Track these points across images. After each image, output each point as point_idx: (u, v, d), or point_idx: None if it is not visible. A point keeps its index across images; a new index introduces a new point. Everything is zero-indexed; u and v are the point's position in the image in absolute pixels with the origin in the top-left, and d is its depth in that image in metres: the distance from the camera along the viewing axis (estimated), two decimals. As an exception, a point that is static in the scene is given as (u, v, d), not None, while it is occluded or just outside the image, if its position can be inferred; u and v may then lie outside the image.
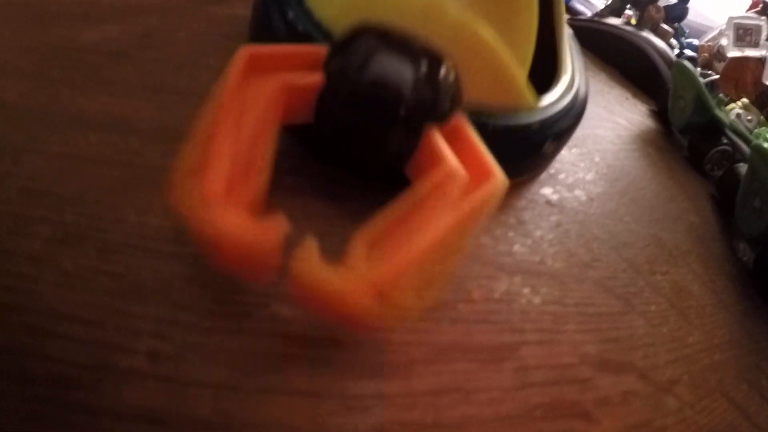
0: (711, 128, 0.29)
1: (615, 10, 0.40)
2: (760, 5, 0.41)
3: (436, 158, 0.11)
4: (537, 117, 0.14)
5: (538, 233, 0.15)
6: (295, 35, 0.13)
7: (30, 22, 0.17)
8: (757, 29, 0.31)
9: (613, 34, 0.36)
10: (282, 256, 0.09)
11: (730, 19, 0.31)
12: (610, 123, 0.26)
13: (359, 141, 0.11)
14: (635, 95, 0.33)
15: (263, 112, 0.10)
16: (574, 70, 0.18)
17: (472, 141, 0.11)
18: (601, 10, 0.39)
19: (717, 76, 0.41)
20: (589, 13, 0.43)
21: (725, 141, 0.29)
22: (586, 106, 0.18)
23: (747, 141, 0.29)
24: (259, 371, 0.09)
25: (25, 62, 0.16)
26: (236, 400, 0.09)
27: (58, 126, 0.14)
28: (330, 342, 0.10)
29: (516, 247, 0.14)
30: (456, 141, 0.11)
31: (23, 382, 0.09)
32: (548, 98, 0.15)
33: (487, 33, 0.13)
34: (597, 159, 0.21)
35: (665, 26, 0.41)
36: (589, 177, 0.19)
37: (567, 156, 0.19)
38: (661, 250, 0.19)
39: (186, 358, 0.09)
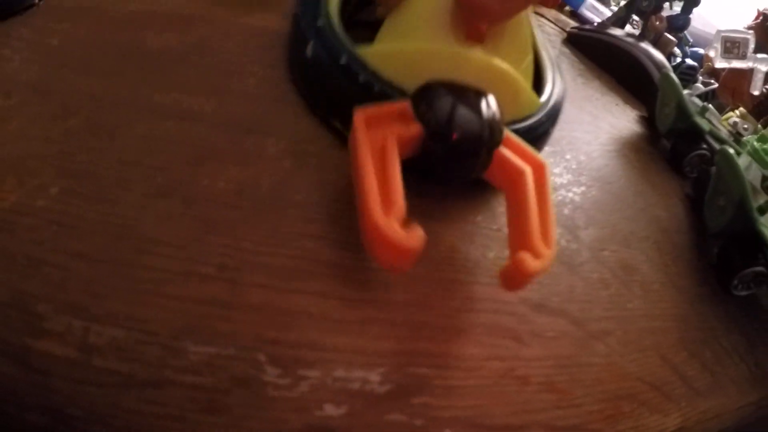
0: (692, 134, 0.34)
1: (620, 19, 0.45)
2: (760, 18, 0.46)
3: (507, 164, 0.18)
4: (543, 111, 0.22)
5: (500, 209, 0.21)
6: (372, 94, 0.19)
7: (100, 26, 0.24)
8: (745, 42, 0.37)
9: (611, 44, 0.41)
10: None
11: (718, 32, 0.36)
12: (592, 126, 0.31)
13: (456, 168, 0.18)
14: (627, 102, 0.38)
15: (391, 157, 0.16)
16: (554, 77, 0.25)
17: (519, 144, 0.18)
18: (605, 20, 0.45)
19: (716, 85, 0.46)
20: (598, 21, 0.49)
21: (704, 146, 0.34)
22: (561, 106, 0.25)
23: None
24: (292, 279, 0.16)
25: (102, 62, 0.22)
26: (276, 295, 0.15)
27: (141, 114, 0.20)
28: (337, 265, 0.16)
29: (479, 218, 0.20)
30: (509, 146, 0.18)
31: (129, 281, 0.15)
32: (543, 97, 0.23)
33: (513, 71, 0.20)
34: (568, 156, 0.26)
35: (668, 36, 0.46)
36: (556, 170, 0.25)
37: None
38: (615, 233, 0.25)
39: (244, 269, 0.16)
